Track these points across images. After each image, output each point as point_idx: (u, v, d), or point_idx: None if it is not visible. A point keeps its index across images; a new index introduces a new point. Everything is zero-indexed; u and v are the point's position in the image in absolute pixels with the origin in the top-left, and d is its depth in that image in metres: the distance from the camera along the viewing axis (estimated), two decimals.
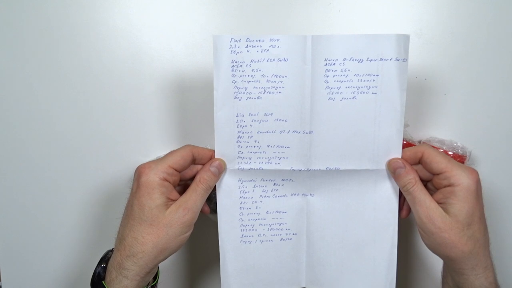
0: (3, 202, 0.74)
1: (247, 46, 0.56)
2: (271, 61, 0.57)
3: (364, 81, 0.56)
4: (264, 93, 0.57)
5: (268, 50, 0.56)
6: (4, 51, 0.70)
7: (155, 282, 0.59)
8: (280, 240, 0.62)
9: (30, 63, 0.71)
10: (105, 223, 0.74)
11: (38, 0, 0.69)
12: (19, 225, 0.74)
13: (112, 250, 0.58)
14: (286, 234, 0.62)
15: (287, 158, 0.59)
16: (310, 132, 0.58)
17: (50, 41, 0.70)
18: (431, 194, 0.55)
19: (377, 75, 0.56)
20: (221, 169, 0.59)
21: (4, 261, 0.75)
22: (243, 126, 0.58)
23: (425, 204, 0.54)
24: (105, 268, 0.57)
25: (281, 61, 0.56)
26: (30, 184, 0.73)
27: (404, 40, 0.55)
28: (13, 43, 0.70)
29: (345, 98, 0.57)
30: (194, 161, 0.59)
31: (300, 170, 0.59)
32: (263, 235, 0.62)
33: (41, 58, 0.70)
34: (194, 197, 0.56)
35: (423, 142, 0.68)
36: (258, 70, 0.57)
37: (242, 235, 0.61)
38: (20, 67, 0.71)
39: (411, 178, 0.56)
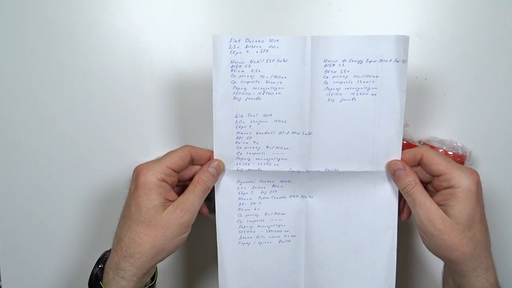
0: (3, 202, 0.74)
1: (246, 47, 0.56)
2: (270, 62, 0.56)
3: (364, 82, 0.56)
4: (263, 93, 0.57)
5: (267, 50, 0.56)
6: (4, 51, 0.70)
7: (153, 282, 0.59)
8: (279, 242, 0.62)
9: (30, 63, 0.71)
10: (105, 223, 0.74)
11: (38, 0, 0.69)
12: (19, 225, 0.75)
13: (110, 251, 0.58)
14: (285, 236, 0.62)
15: (286, 159, 0.59)
16: (309, 133, 0.58)
17: (50, 41, 0.70)
18: (431, 196, 0.55)
19: (376, 76, 0.56)
20: (219, 170, 0.58)
21: (4, 261, 0.76)
22: (242, 127, 0.58)
23: (425, 206, 0.54)
24: (102, 269, 0.57)
25: (280, 61, 0.56)
26: (30, 184, 0.74)
27: (403, 41, 0.55)
28: (13, 43, 0.70)
29: (344, 99, 0.57)
30: (192, 162, 0.59)
31: (299, 172, 0.59)
32: (262, 236, 0.61)
33: (41, 58, 0.70)
34: (192, 198, 0.56)
35: (423, 143, 0.68)
36: (258, 70, 0.57)
37: (241, 236, 0.61)
38: (20, 67, 0.71)
39: (411, 180, 0.55)
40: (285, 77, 0.57)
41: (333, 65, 0.56)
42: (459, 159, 0.66)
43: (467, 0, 0.67)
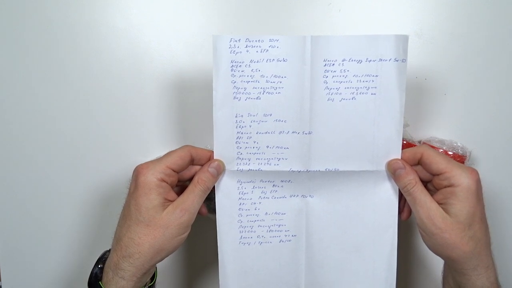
0: (3, 202, 0.74)
1: (246, 46, 0.56)
2: (270, 62, 0.56)
3: (363, 81, 0.56)
4: (263, 93, 0.57)
5: (267, 50, 0.56)
6: (4, 51, 0.70)
7: (152, 282, 0.59)
8: (279, 241, 0.62)
9: (30, 63, 0.71)
10: (105, 223, 0.74)
11: (38, 0, 0.69)
12: (19, 225, 0.74)
13: (109, 251, 0.58)
14: (285, 235, 0.62)
15: (286, 159, 0.59)
16: (309, 133, 0.58)
17: (50, 41, 0.70)
18: (431, 195, 0.55)
19: (376, 76, 0.56)
20: (219, 170, 0.58)
21: (4, 261, 0.76)
22: (242, 127, 0.58)
23: (425, 205, 0.54)
24: (102, 269, 0.57)
25: (280, 61, 0.56)
26: (30, 184, 0.74)
27: (403, 41, 0.55)
28: (13, 43, 0.70)
29: (344, 99, 0.57)
30: (192, 162, 0.59)
31: (299, 171, 0.59)
32: (262, 236, 0.61)
33: (41, 58, 0.70)
34: (192, 198, 0.56)
35: (423, 143, 0.68)
36: (258, 70, 0.57)
37: (241, 236, 0.61)
38: (20, 67, 0.71)
39: (411, 179, 0.55)
40: (285, 77, 0.57)
41: (333, 64, 0.56)
42: (459, 159, 0.66)
43: (467, 0, 0.67)
